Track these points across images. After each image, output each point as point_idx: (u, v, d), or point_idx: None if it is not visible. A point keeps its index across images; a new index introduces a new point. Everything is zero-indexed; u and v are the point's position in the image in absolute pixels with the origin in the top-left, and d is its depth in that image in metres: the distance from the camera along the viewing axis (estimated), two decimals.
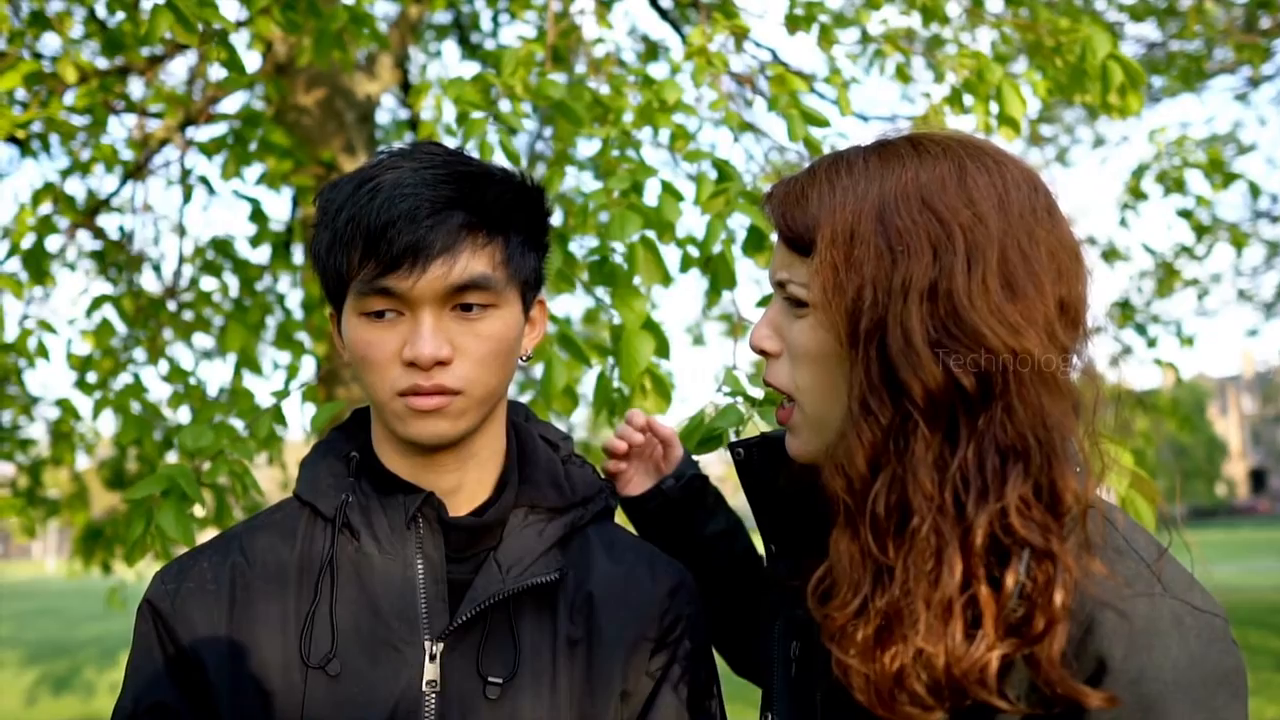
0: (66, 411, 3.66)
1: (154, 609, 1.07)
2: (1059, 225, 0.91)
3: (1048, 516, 0.84)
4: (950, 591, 0.83)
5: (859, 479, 0.88)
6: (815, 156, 1.03)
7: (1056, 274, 0.88)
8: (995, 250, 0.87)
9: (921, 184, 0.90)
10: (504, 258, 1.05)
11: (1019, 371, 0.85)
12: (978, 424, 0.86)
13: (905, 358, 0.86)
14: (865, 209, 0.90)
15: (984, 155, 0.93)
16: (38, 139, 4.04)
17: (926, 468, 0.85)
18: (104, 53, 3.27)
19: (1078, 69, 2.32)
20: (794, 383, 0.99)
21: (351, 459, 1.13)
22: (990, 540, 0.84)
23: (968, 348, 0.85)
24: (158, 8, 1.60)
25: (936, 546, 0.84)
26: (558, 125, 2.10)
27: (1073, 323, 0.90)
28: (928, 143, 0.94)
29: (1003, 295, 0.86)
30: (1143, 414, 6.59)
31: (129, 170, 4.09)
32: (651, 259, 1.69)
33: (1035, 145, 7.27)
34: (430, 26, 6.27)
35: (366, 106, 4.08)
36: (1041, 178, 0.94)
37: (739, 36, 3.72)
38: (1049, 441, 0.85)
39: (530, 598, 1.09)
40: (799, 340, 0.97)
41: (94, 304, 2.95)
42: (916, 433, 0.86)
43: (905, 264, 0.87)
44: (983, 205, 0.89)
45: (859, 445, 0.88)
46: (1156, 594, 0.85)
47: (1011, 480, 0.84)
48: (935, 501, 0.85)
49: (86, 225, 3.97)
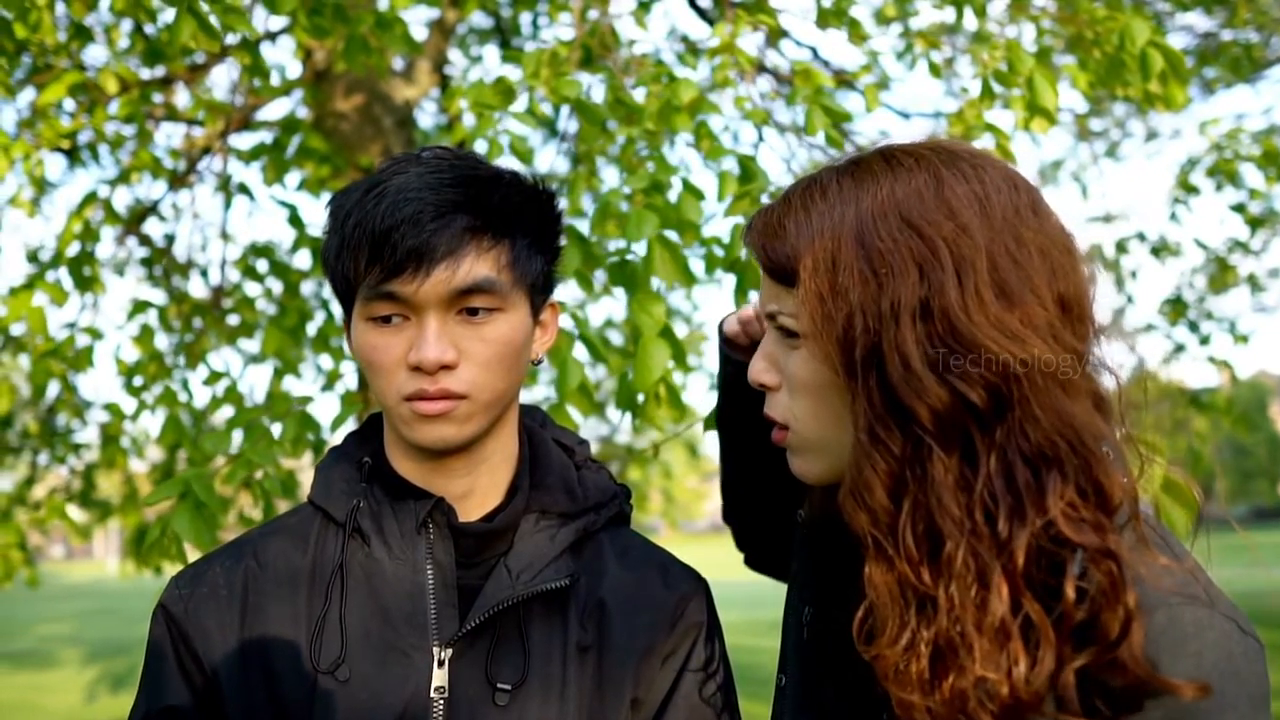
0: (115, 415, 3.72)
1: (168, 614, 1.08)
2: (1046, 222, 0.89)
3: (1099, 515, 0.81)
4: (1001, 614, 0.80)
5: (883, 511, 0.86)
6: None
7: (1050, 272, 0.85)
8: (984, 259, 0.84)
9: (898, 200, 0.87)
10: (509, 261, 1.04)
11: (1030, 378, 0.82)
12: (995, 438, 0.83)
13: (906, 382, 0.84)
14: (844, 233, 0.88)
15: (960, 161, 0.90)
16: (87, 149, 4.14)
17: (950, 491, 0.83)
18: (145, 62, 3.33)
19: (1116, 59, 2.27)
20: (792, 413, 0.97)
21: (364, 464, 1.13)
22: (1037, 553, 0.81)
23: (972, 363, 0.82)
24: (181, 16, 1.62)
25: (977, 570, 0.82)
26: (581, 126, 2.09)
27: (1079, 318, 0.87)
28: (901, 155, 0.91)
29: (999, 304, 0.83)
30: (1198, 413, 6.43)
31: (173, 178, 4.16)
32: (668, 258, 1.67)
33: (1084, 140, 7.14)
34: (473, 31, 6.31)
35: (404, 111, 4.11)
36: (1022, 175, 0.91)
37: (774, 34, 3.69)
38: (1080, 442, 0.82)
39: (541, 603, 1.08)
40: (795, 372, 0.95)
41: (134, 309, 3.01)
42: (932, 457, 0.84)
43: (891, 286, 0.85)
44: (964, 214, 0.86)
45: (875, 477, 0.86)
46: (1202, 603, 0.82)
47: (1052, 489, 0.81)
48: (966, 525, 0.82)
49: (133, 232, 4.05)
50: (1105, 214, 6.40)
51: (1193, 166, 4.76)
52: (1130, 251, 6.01)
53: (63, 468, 4.90)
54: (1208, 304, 6.27)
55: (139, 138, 3.96)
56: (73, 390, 3.91)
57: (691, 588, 1.17)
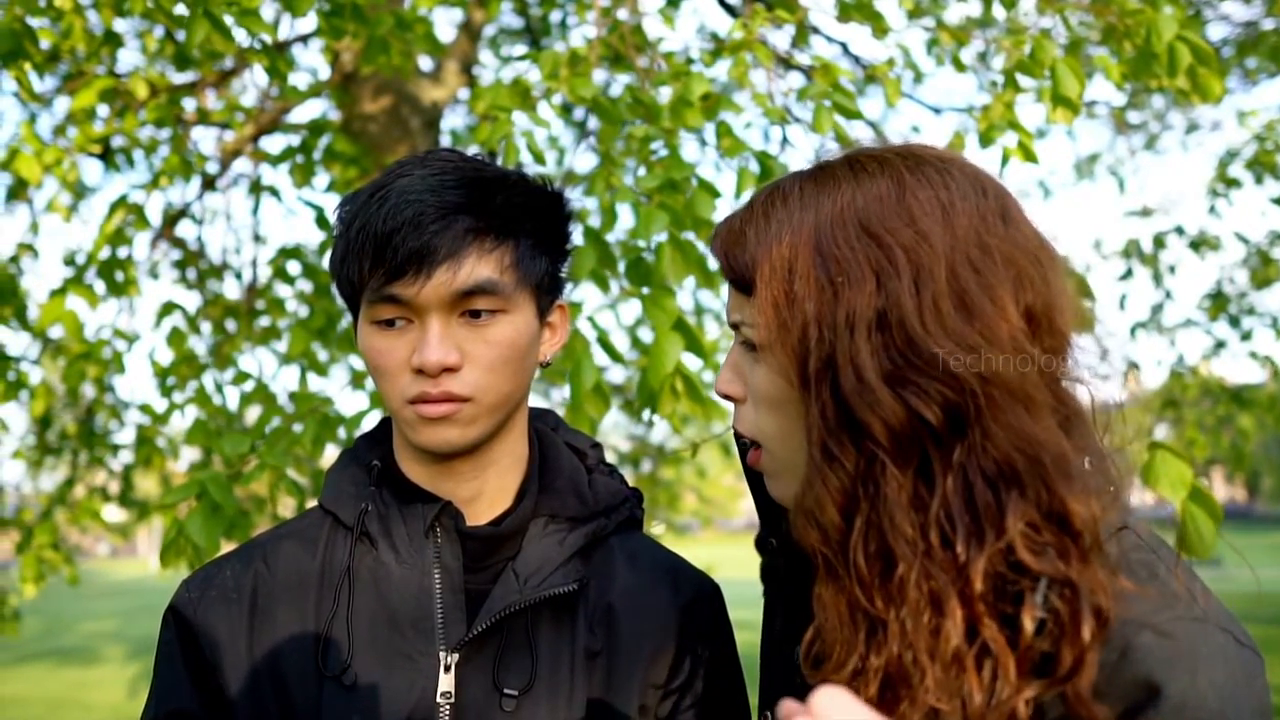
0: (149, 416, 3.77)
1: (177, 616, 1.08)
2: (1015, 228, 0.84)
3: (1062, 540, 0.78)
4: (955, 642, 0.77)
5: (834, 529, 0.82)
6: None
7: (1016, 283, 0.81)
8: (943, 268, 0.80)
9: (858, 207, 0.84)
10: (513, 262, 1.03)
11: (989, 394, 0.78)
12: (953, 457, 0.79)
13: (860, 395, 0.80)
14: (802, 241, 0.85)
15: (925, 166, 0.86)
16: (122, 154, 4.19)
17: (903, 510, 0.79)
18: (177, 67, 3.37)
19: (1145, 52, 2.22)
20: (758, 428, 0.93)
21: (373, 468, 1.13)
22: (996, 578, 0.78)
23: (929, 377, 0.79)
24: (195, 17, 1.63)
25: (931, 594, 0.78)
26: (600, 125, 2.08)
27: (1049, 331, 0.82)
28: (865, 160, 0.88)
29: (958, 315, 0.79)
30: (1240, 410, 6.33)
31: (206, 181, 4.20)
32: (679, 257, 1.66)
33: (1121, 134, 7.03)
34: (503, 31, 6.33)
35: (432, 113, 4.12)
36: (993, 179, 0.88)
37: (801, 30, 3.67)
38: (1040, 462, 0.78)
39: (549, 608, 1.08)
40: (757, 384, 0.92)
41: (162, 311, 3.04)
42: (885, 473, 0.80)
43: (847, 295, 0.81)
44: (925, 222, 0.82)
45: (826, 493, 0.82)
46: (1199, 618, 0.78)
47: (1011, 510, 0.78)
48: (920, 546, 0.79)
49: (167, 236, 4.10)
50: (1143, 208, 6.30)
51: (1232, 159, 4.66)
52: (1168, 246, 5.92)
53: (102, 469, 4.97)
54: (1249, 299, 6.15)
55: (173, 142, 4.01)
56: (105, 392, 3.96)
57: (702, 593, 1.16)
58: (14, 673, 11.94)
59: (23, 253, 4.00)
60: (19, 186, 4.18)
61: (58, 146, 2.91)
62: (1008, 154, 2.16)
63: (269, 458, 1.77)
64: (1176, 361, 6.30)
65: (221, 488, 1.71)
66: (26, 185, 3.83)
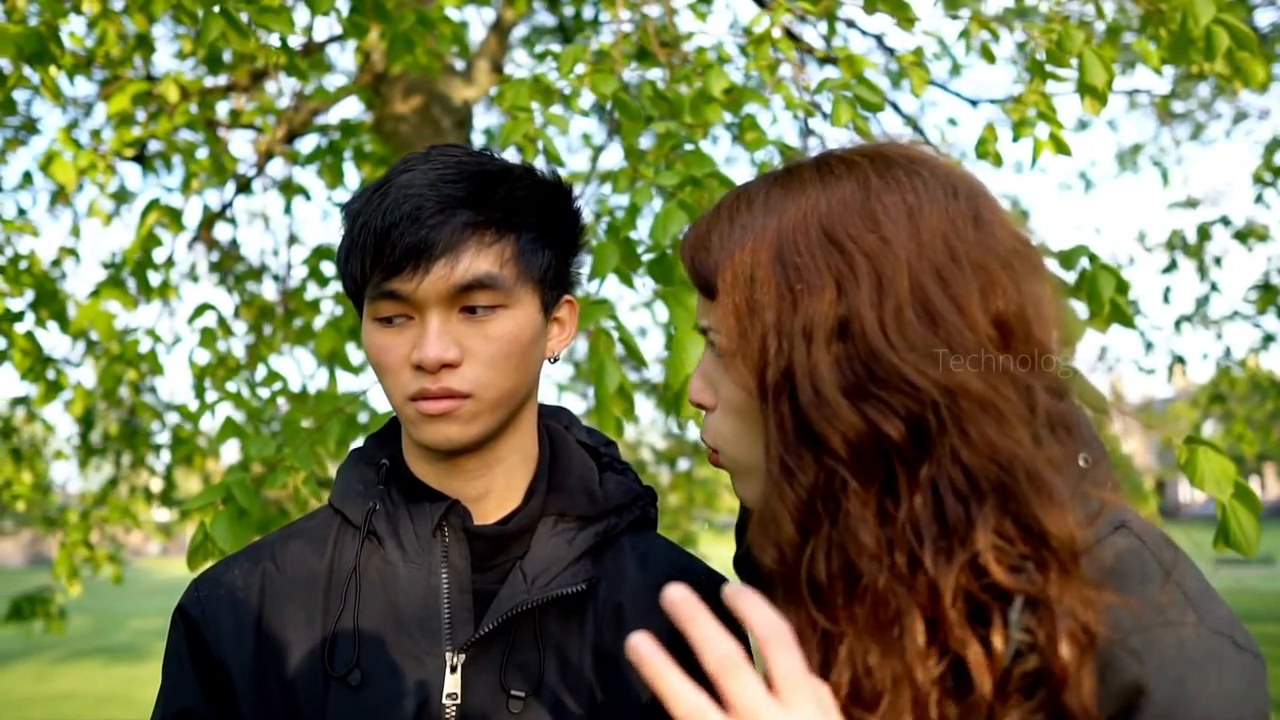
0: (185, 417, 3.81)
1: (185, 616, 1.08)
2: (987, 232, 0.80)
3: (1039, 555, 0.74)
4: (920, 662, 0.74)
5: (790, 547, 0.80)
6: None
7: (985, 289, 0.78)
8: (905, 276, 0.77)
9: (821, 213, 0.81)
10: (513, 255, 1.02)
11: (955, 407, 0.75)
12: (920, 472, 0.76)
13: (818, 409, 0.77)
14: (764, 247, 0.82)
15: (894, 168, 0.83)
16: (159, 158, 4.24)
17: (867, 526, 0.76)
18: (210, 70, 3.40)
19: (1182, 36, 2.17)
20: (720, 437, 0.91)
21: (381, 466, 1.12)
22: (971, 598, 0.75)
23: (892, 390, 0.75)
24: (209, 14, 1.64)
25: (895, 612, 0.75)
26: (623, 123, 2.06)
27: (1023, 340, 0.78)
28: (834, 163, 0.85)
29: (921, 325, 0.76)
30: None
31: (241, 183, 4.25)
32: None
33: (1164, 125, 6.89)
34: (536, 30, 6.34)
35: (463, 112, 4.13)
36: (968, 180, 0.84)
37: (831, 23, 3.62)
38: (1012, 475, 0.75)
39: (558, 609, 1.06)
40: (724, 392, 0.89)
41: (195, 312, 3.08)
42: (847, 490, 0.77)
43: (806, 304, 0.78)
44: (889, 227, 0.79)
45: (784, 509, 0.79)
46: (1190, 623, 0.75)
47: (981, 525, 0.74)
48: (885, 562, 0.75)
49: (203, 238, 4.15)
50: (1188, 199, 6.17)
51: (1276, 147, 4.55)
52: (1214, 237, 5.79)
53: (143, 469, 5.04)
54: None
55: (210, 145, 4.05)
56: (139, 393, 4.01)
57: (715, 594, 1.14)
58: (65, 669, 12.17)
59: (64, 256, 4.07)
60: (61, 191, 4.25)
61: (93, 151, 2.95)
62: (1039, 146, 2.12)
63: (294, 460, 1.77)
64: (1224, 355, 6.17)
65: (247, 492, 1.71)
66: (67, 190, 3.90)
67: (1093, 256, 1.82)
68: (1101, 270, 1.77)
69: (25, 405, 4.23)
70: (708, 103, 1.83)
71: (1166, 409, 12.16)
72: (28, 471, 4.30)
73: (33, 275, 3.05)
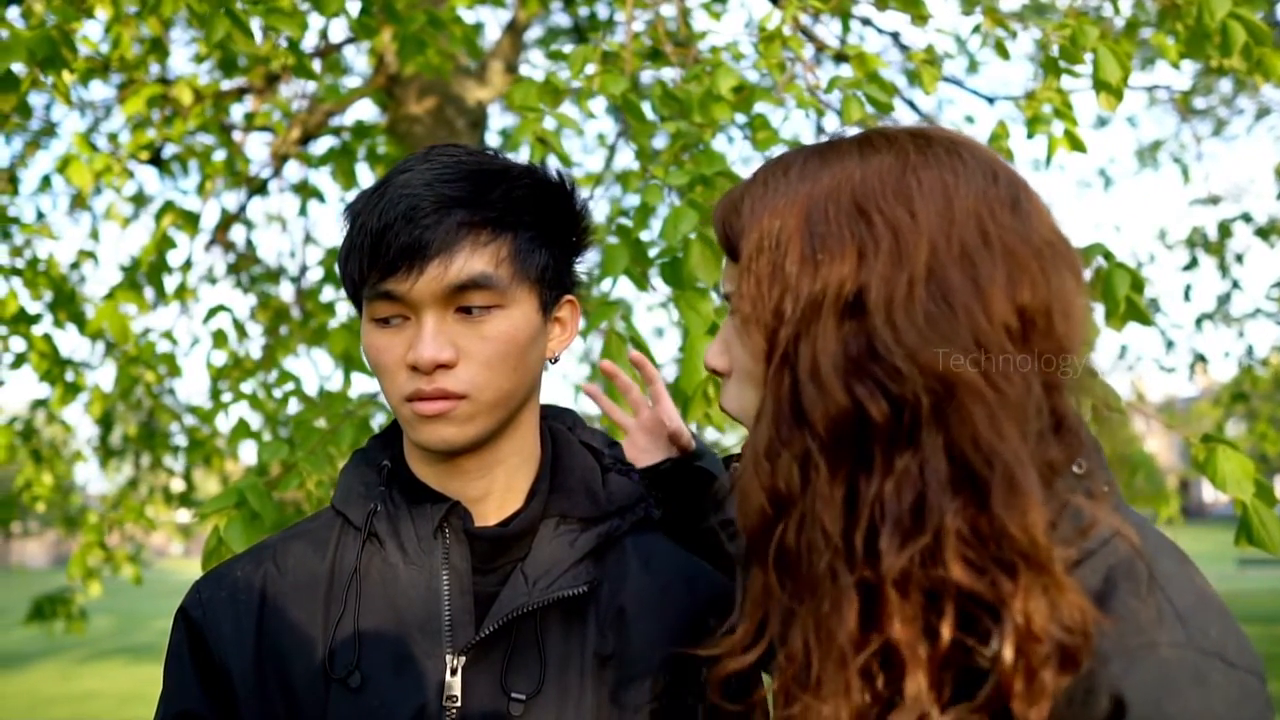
0: (201, 418, 3.83)
1: (187, 617, 1.08)
2: (1023, 220, 0.78)
3: (1009, 554, 0.72)
4: (851, 645, 0.73)
5: (762, 515, 0.79)
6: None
7: (1013, 276, 0.75)
8: (925, 252, 0.75)
9: (855, 182, 0.79)
10: (509, 254, 1.01)
11: (948, 397, 0.73)
12: (896, 458, 0.74)
13: (810, 382, 0.76)
14: (793, 212, 0.80)
15: (934, 146, 0.81)
16: (176, 160, 4.27)
17: (831, 506, 0.75)
18: (225, 74, 3.41)
19: (1198, 31, 2.14)
20: (741, 406, 0.89)
21: (383, 467, 1.12)
22: (926, 593, 0.73)
23: (885, 371, 0.74)
24: (215, 15, 1.64)
25: (833, 591, 0.74)
26: (632, 124, 2.06)
27: (1043, 334, 0.76)
28: (876, 138, 0.83)
29: (934, 306, 0.74)
30: None
31: (257, 185, 4.27)
32: (710, 255, 1.63)
33: (1185, 121, 6.82)
34: (551, 31, 6.33)
35: (477, 113, 4.14)
36: (1010, 168, 0.82)
37: (845, 19, 3.61)
38: (990, 472, 0.72)
39: (559, 611, 1.05)
40: (741, 359, 0.87)
41: (209, 314, 3.09)
42: (819, 468, 0.76)
43: (825, 273, 0.77)
44: (920, 202, 0.77)
45: (763, 480, 0.79)
46: (1172, 644, 0.72)
47: (950, 516, 0.72)
48: (836, 544, 0.74)
49: (219, 240, 4.17)
50: (1210, 195, 6.11)
51: None
52: (1235, 234, 5.73)
53: (162, 470, 5.07)
54: None
55: (227, 148, 4.07)
56: (154, 395, 4.03)
57: (719, 596, 1.13)
58: (88, 669, 12.27)
59: (83, 260, 4.10)
60: (80, 195, 4.28)
61: (106, 154, 2.97)
62: (1054, 143, 2.09)
63: (305, 463, 1.77)
64: (1246, 354, 6.11)
65: (260, 495, 1.71)
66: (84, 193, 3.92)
67: (1108, 254, 1.80)
68: (1117, 268, 1.75)
69: (45, 407, 4.26)
70: (716, 102, 1.82)
71: (1190, 408, 12.04)
72: (48, 473, 4.33)
73: (50, 278, 3.07)
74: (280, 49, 1.96)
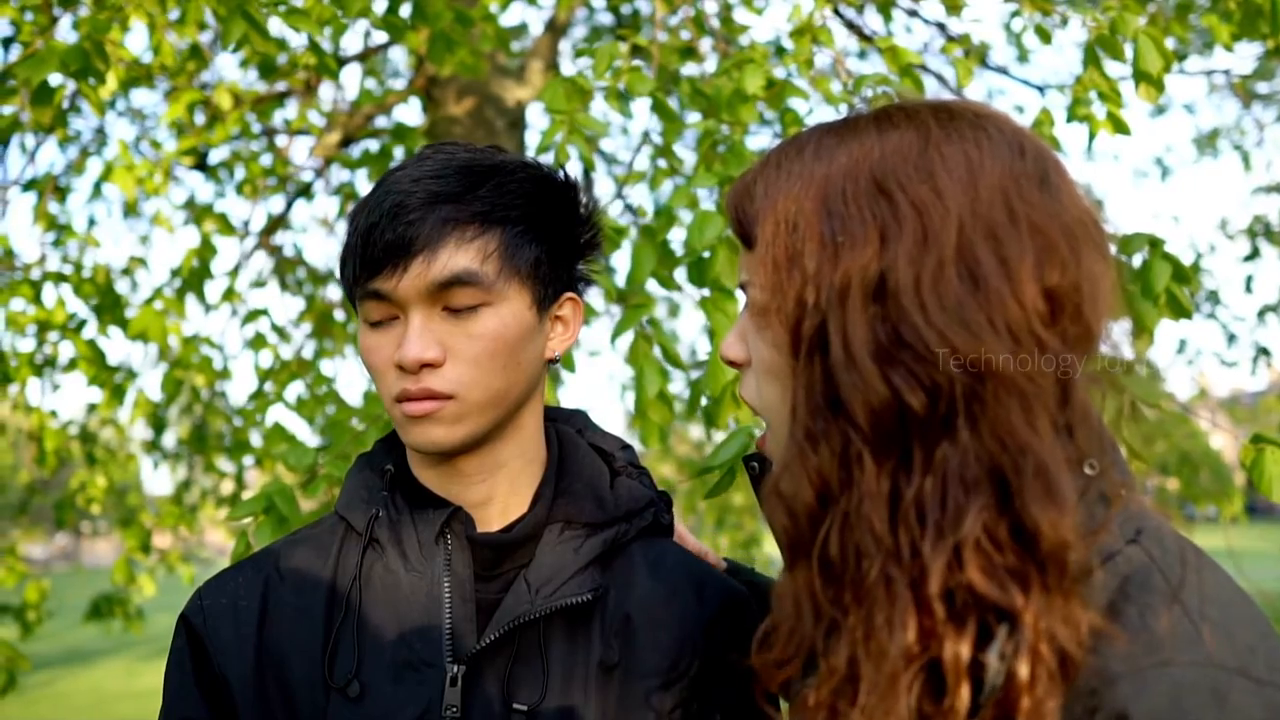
0: (248, 421, 3.87)
1: (187, 624, 1.07)
2: (1054, 196, 0.74)
3: (1025, 565, 0.68)
4: (900, 652, 0.68)
5: (805, 516, 0.74)
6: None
7: (1041, 257, 0.71)
8: (953, 231, 0.71)
9: (874, 160, 0.75)
10: (497, 250, 0.99)
11: (980, 385, 0.69)
12: (935, 451, 0.70)
13: (847, 372, 0.71)
14: (810, 194, 0.76)
15: (958, 121, 0.76)
16: (224, 166, 4.32)
17: (877, 504, 0.71)
18: (263, 77, 3.44)
19: (1249, 8, 2.06)
20: (760, 399, 0.85)
21: (386, 472, 1.10)
22: (949, 598, 0.69)
23: (918, 357, 0.69)
24: (232, 16, 1.64)
25: (889, 599, 0.69)
26: (664, 123, 2.02)
27: (1072, 319, 0.72)
28: (894, 113, 0.79)
29: (962, 288, 0.70)
30: None
31: (301, 189, 4.30)
32: (737, 261, 1.58)
33: (1246, 108, 6.61)
34: (595, 30, 6.31)
35: (516, 113, 4.12)
36: (1038, 142, 0.77)
37: (886, 10, 3.54)
38: (1020, 470, 0.68)
39: (563, 619, 1.02)
40: (758, 351, 0.83)
41: (246, 318, 3.11)
42: (862, 463, 0.71)
43: (847, 257, 0.72)
44: (944, 179, 0.72)
45: (804, 476, 0.74)
46: (1190, 661, 0.67)
47: (971, 515, 0.68)
48: (886, 543, 0.70)
49: (263, 244, 4.21)
50: (1272, 183, 5.91)
51: None
52: None
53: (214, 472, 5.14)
54: None
55: (271, 152, 4.11)
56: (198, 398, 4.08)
57: (729, 603, 1.09)
58: (151, 666, 12.52)
59: (135, 266, 4.16)
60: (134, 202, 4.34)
61: (149, 161, 3.00)
62: (1096, 126, 2.02)
63: (331, 468, 1.76)
64: None
65: (288, 500, 1.71)
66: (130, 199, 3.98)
67: (1155, 242, 1.72)
68: (1159, 259, 1.67)
69: (97, 411, 4.34)
70: (743, 101, 1.77)
71: (1257, 402, 11.68)
72: (101, 475, 4.41)
73: (95, 284, 3.11)
74: (272, 44, 1.94)
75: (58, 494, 4.85)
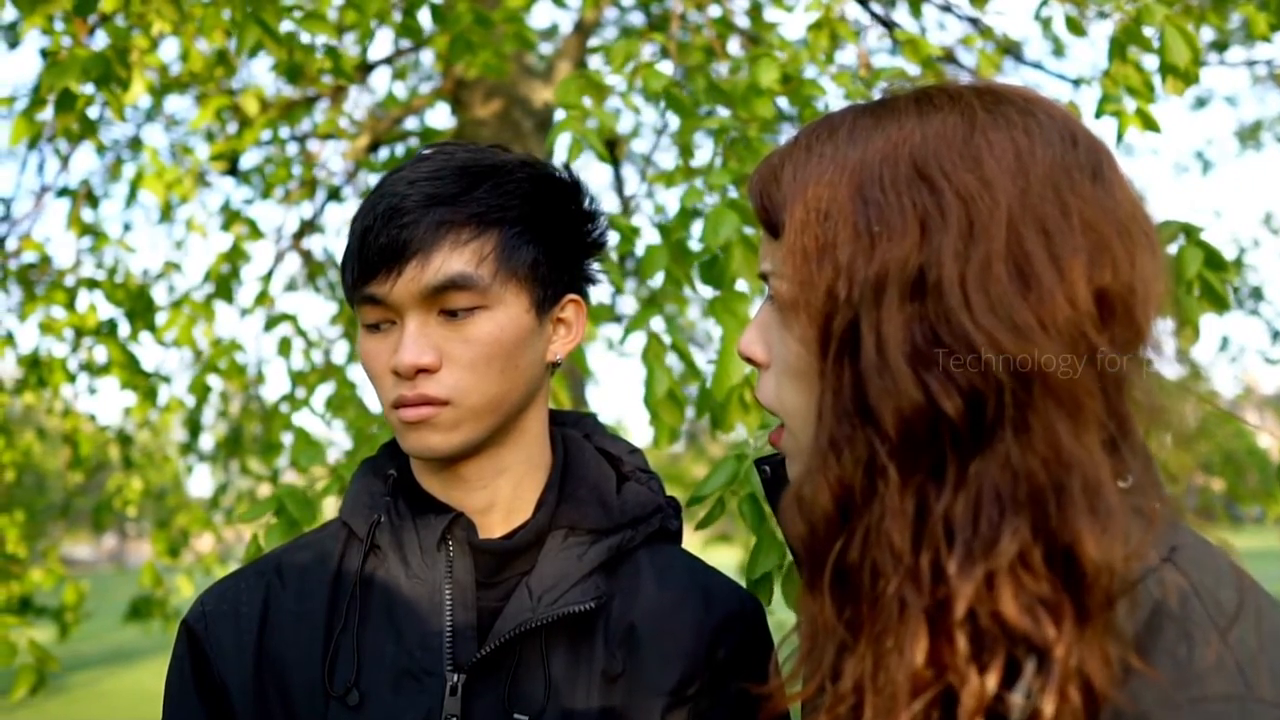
0: (278, 423, 3.90)
1: (188, 631, 1.06)
2: (1107, 190, 0.68)
3: (1057, 591, 0.63)
4: (906, 680, 0.64)
5: (824, 528, 0.70)
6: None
7: (1094, 254, 0.66)
8: (1003, 225, 0.65)
9: (915, 145, 0.69)
10: (494, 252, 0.97)
11: (1026, 392, 0.64)
12: (969, 464, 0.65)
13: (879, 375, 0.66)
14: (843, 180, 0.70)
15: (1005, 105, 0.71)
16: (256, 171, 4.36)
17: (900, 519, 0.66)
18: (290, 83, 3.46)
19: None
20: (779, 400, 0.80)
21: (389, 477, 1.09)
22: (981, 623, 0.64)
23: (959, 359, 0.64)
24: (246, 21, 1.64)
25: (899, 622, 0.65)
26: (681, 119, 2.00)
27: (1124, 322, 0.67)
28: (936, 95, 0.73)
29: (1011, 285, 0.64)
30: None
31: (332, 192, 4.33)
32: (752, 257, 1.56)
33: None
34: (625, 30, 6.31)
35: (544, 114, 4.12)
36: (1089, 132, 0.71)
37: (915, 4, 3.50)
38: (1065, 486, 0.63)
39: (566, 628, 1.00)
40: (781, 349, 0.78)
41: (270, 322, 3.13)
42: (886, 476, 0.66)
43: (884, 249, 0.67)
44: (992, 167, 0.67)
45: (824, 485, 0.69)
46: (1226, 695, 0.61)
47: (1006, 537, 0.63)
48: (905, 562, 0.65)
49: (295, 248, 4.24)
50: None
51: None
52: None
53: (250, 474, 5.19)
54: None
55: (302, 156, 4.13)
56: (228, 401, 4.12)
57: (737, 612, 1.07)
58: None
59: (169, 271, 4.21)
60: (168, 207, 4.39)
61: (177, 166, 3.03)
62: (1125, 121, 1.97)
63: (344, 469, 1.76)
64: None
65: (299, 503, 1.71)
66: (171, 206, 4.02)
67: (1190, 230, 1.65)
68: (1191, 246, 1.60)
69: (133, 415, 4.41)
70: (758, 95, 1.75)
71: None
72: (137, 478, 4.47)
73: (127, 289, 3.15)
74: (284, 49, 1.94)
75: (98, 496, 4.93)
